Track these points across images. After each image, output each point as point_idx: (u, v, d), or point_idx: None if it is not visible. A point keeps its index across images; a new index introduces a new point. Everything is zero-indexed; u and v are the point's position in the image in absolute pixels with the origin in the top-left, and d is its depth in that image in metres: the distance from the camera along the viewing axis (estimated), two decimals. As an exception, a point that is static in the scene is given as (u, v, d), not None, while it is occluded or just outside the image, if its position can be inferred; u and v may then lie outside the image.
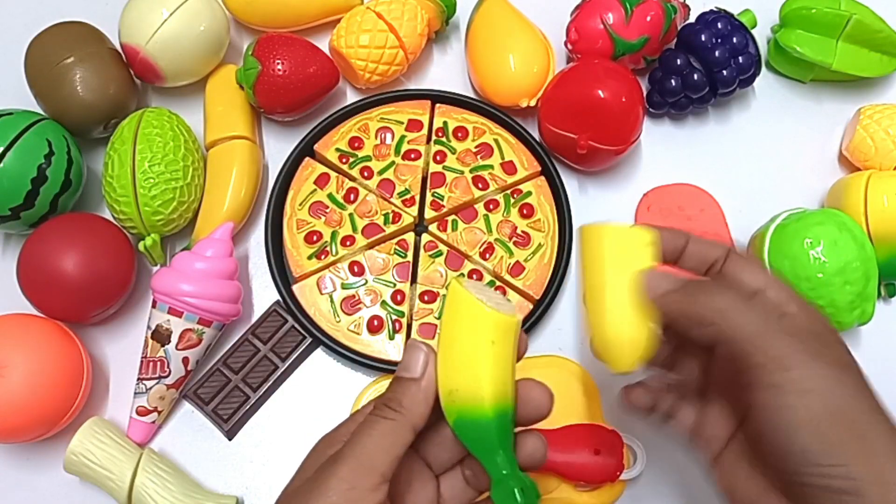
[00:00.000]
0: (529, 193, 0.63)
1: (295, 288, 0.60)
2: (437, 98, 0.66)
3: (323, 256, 0.61)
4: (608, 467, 0.54)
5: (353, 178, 0.63)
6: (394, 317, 0.59)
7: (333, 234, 0.61)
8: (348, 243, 0.61)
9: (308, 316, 0.59)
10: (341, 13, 0.67)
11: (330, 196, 0.62)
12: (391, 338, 0.59)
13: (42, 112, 0.61)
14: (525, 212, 0.62)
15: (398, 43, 0.64)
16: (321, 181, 0.63)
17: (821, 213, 0.58)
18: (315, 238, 0.61)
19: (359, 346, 0.58)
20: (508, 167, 0.63)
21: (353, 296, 0.60)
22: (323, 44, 0.66)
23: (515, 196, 0.63)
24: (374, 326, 0.59)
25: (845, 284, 0.55)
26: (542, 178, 0.64)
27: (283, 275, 0.61)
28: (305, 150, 0.64)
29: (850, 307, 0.56)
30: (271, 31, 0.67)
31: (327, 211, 0.62)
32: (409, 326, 0.59)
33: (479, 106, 0.65)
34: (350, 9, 0.66)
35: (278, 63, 0.61)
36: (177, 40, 0.61)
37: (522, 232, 0.62)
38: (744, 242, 0.63)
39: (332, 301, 0.59)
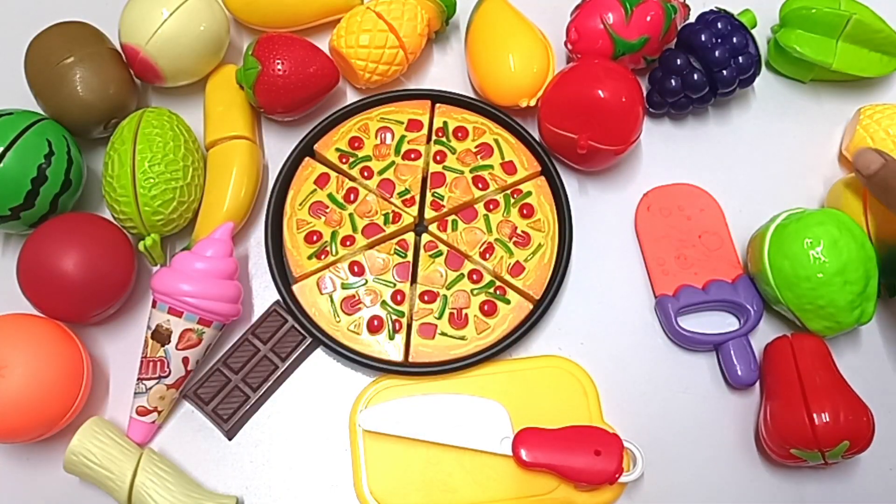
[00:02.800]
0: (529, 193, 0.63)
1: (295, 288, 0.60)
2: (437, 98, 0.66)
3: (323, 256, 0.61)
4: (607, 469, 0.54)
5: (353, 178, 0.63)
6: (394, 317, 0.59)
7: (333, 234, 0.61)
8: (348, 243, 0.61)
9: (308, 316, 0.59)
10: (341, 13, 0.67)
11: (330, 196, 0.62)
12: (391, 338, 0.59)
13: (42, 112, 0.61)
14: (525, 212, 0.62)
15: (398, 43, 0.64)
16: (321, 181, 0.63)
17: (821, 213, 0.58)
18: (315, 238, 0.61)
19: (359, 346, 0.58)
20: (508, 167, 0.63)
21: (353, 296, 0.60)
22: (323, 44, 0.66)
23: (515, 196, 0.63)
24: (374, 326, 0.59)
25: (845, 284, 0.55)
26: (542, 178, 0.64)
27: (283, 275, 0.61)
28: (305, 150, 0.64)
29: (850, 307, 0.56)
30: (271, 31, 0.67)
31: (327, 211, 0.62)
32: (409, 326, 0.59)
33: (479, 106, 0.65)
34: (350, 9, 0.67)
35: (278, 63, 0.61)
36: (177, 40, 0.61)
37: (522, 232, 0.62)
38: (744, 242, 0.63)
39: (332, 301, 0.59)
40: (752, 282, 0.61)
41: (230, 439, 0.58)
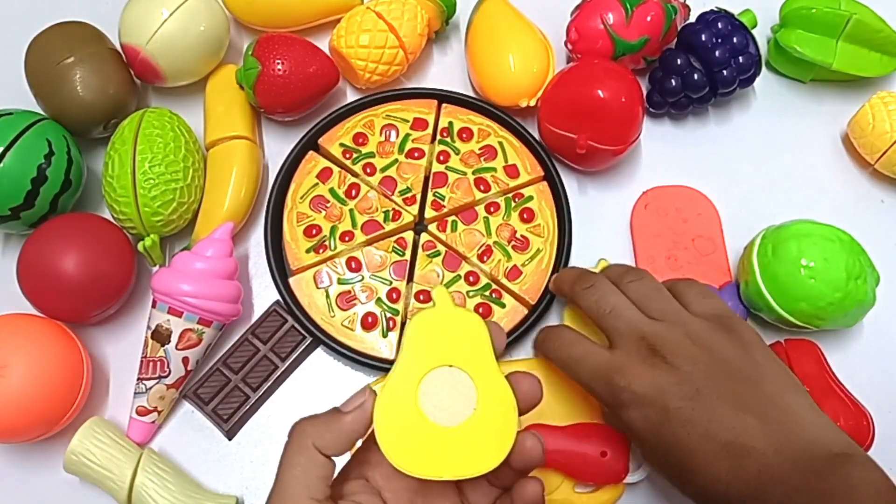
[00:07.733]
0: (531, 198, 0.63)
1: (292, 281, 0.60)
2: (444, 98, 0.66)
3: (321, 250, 0.61)
4: (614, 468, 0.54)
5: (355, 174, 0.63)
6: (388, 314, 0.59)
7: (333, 229, 0.61)
8: (347, 239, 0.61)
9: (303, 309, 0.59)
10: (341, 13, 0.67)
11: (331, 191, 0.63)
12: (384, 335, 0.59)
13: (42, 112, 0.61)
14: (525, 216, 0.62)
15: (398, 43, 0.64)
16: (324, 175, 0.63)
17: (803, 224, 0.58)
18: (314, 232, 0.61)
19: (352, 342, 0.58)
20: (511, 170, 0.63)
21: (349, 291, 0.60)
22: (323, 44, 0.66)
23: (517, 200, 0.63)
24: (368, 323, 0.59)
25: (836, 282, 0.55)
26: (545, 183, 0.64)
27: (281, 270, 0.61)
28: (310, 144, 0.64)
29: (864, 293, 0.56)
30: (271, 31, 0.67)
31: (328, 205, 0.62)
32: (404, 324, 0.59)
33: (486, 108, 0.65)
34: (350, 9, 0.66)
35: (278, 63, 0.61)
36: (177, 40, 0.61)
37: (522, 236, 0.62)
38: (738, 250, 0.62)
39: (327, 296, 0.59)
40: (737, 291, 0.61)
41: (230, 439, 0.59)
